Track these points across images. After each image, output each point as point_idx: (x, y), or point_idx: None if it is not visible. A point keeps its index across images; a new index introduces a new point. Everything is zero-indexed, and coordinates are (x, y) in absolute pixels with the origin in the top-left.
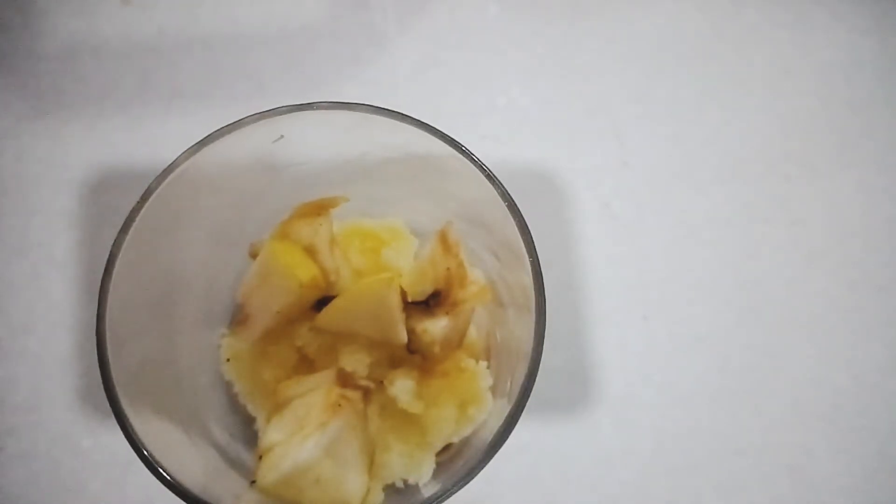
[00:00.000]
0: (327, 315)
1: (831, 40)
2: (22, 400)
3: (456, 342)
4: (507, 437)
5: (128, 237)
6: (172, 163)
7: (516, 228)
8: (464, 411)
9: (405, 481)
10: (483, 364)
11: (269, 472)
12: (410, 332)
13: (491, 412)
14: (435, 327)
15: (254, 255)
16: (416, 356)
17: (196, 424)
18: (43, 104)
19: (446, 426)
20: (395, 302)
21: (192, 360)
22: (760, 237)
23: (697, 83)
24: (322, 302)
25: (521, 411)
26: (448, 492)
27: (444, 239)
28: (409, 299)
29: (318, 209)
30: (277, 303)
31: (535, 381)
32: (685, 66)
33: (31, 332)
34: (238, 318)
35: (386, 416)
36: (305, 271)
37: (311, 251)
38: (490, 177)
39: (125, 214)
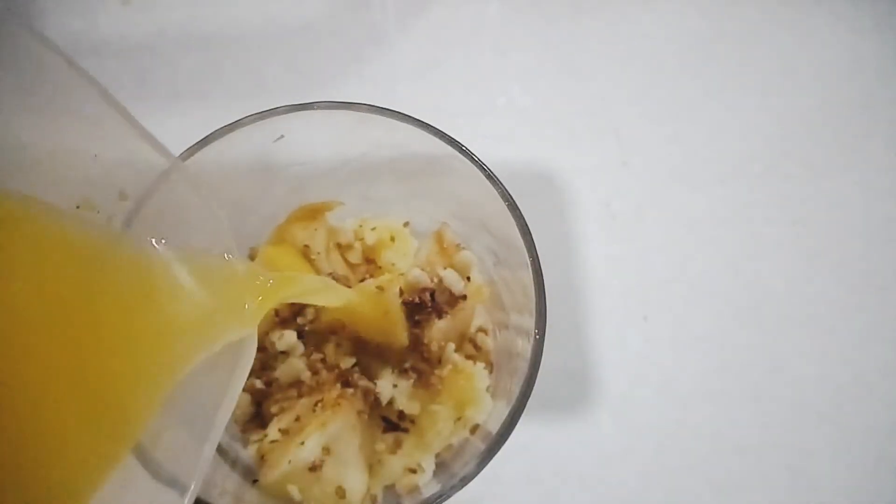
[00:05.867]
0: (327, 317)
1: (831, 40)
2: None
3: (455, 344)
4: (508, 438)
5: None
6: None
7: (516, 228)
8: (461, 412)
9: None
10: (480, 365)
11: (271, 471)
12: (409, 333)
13: (491, 413)
14: (432, 330)
15: (253, 258)
16: (414, 357)
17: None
18: None
19: (444, 427)
20: (395, 303)
21: None
22: (760, 237)
23: (697, 83)
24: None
25: (522, 412)
26: (448, 492)
27: (440, 240)
28: (409, 300)
29: (314, 213)
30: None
31: (535, 381)
32: (685, 66)
33: None
34: None
35: (386, 416)
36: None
37: (307, 255)
38: (490, 176)
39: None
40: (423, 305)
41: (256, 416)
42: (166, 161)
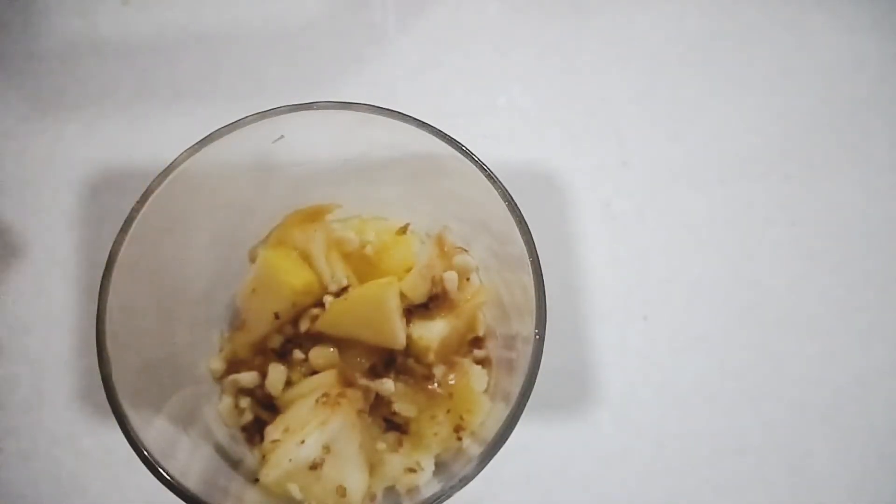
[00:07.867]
0: (327, 319)
1: (831, 40)
2: (22, 400)
3: (454, 347)
4: (507, 438)
5: (128, 237)
6: (172, 163)
7: (516, 228)
8: (458, 414)
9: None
10: (478, 367)
11: (272, 471)
12: (408, 336)
13: (490, 413)
14: (430, 332)
15: (253, 260)
16: (412, 360)
17: (196, 424)
18: (43, 104)
19: (441, 429)
20: (394, 306)
21: (191, 360)
22: (760, 237)
23: (697, 83)
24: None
25: (521, 412)
26: (448, 492)
27: (440, 243)
28: (409, 303)
29: (313, 216)
30: (274, 308)
31: (534, 381)
32: (685, 66)
33: (31, 332)
34: (236, 323)
35: (385, 416)
36: (300, 278)
37: (306, 257)
38: (490, 177)
39: (125, 214)
40: (422, 308)
41: (257, 420)
42: None
